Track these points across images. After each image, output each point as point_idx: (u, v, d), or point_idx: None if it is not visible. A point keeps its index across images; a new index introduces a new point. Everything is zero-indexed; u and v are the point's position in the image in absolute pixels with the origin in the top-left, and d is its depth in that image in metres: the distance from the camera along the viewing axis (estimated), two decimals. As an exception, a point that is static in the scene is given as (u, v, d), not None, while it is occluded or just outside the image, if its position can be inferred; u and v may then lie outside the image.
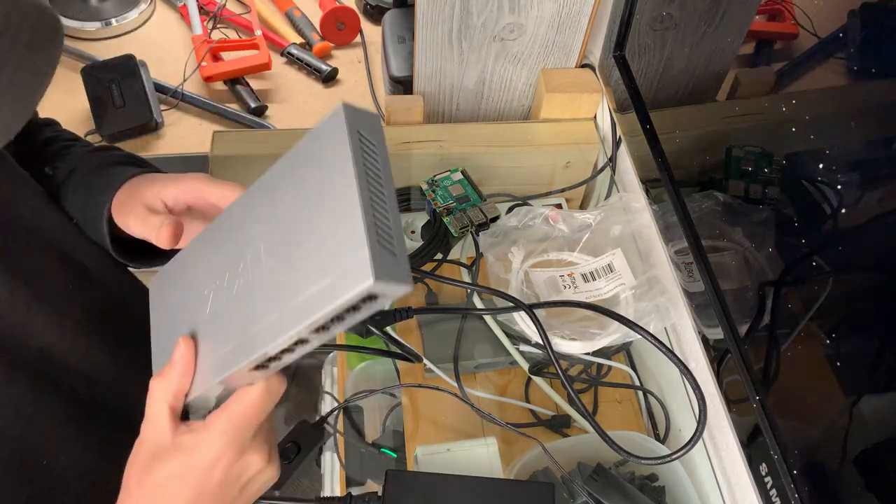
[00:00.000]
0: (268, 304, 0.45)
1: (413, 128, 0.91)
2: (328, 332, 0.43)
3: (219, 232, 0.52)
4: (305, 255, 0.43)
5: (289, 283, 0.44)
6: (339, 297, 0.40)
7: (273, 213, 0.47)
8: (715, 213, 0.64)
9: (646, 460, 0.61)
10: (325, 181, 0.43)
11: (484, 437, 0.65)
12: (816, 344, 0.52)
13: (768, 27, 0.58)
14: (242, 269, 0.48)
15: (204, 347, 0.50)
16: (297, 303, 0.43)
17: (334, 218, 0.41)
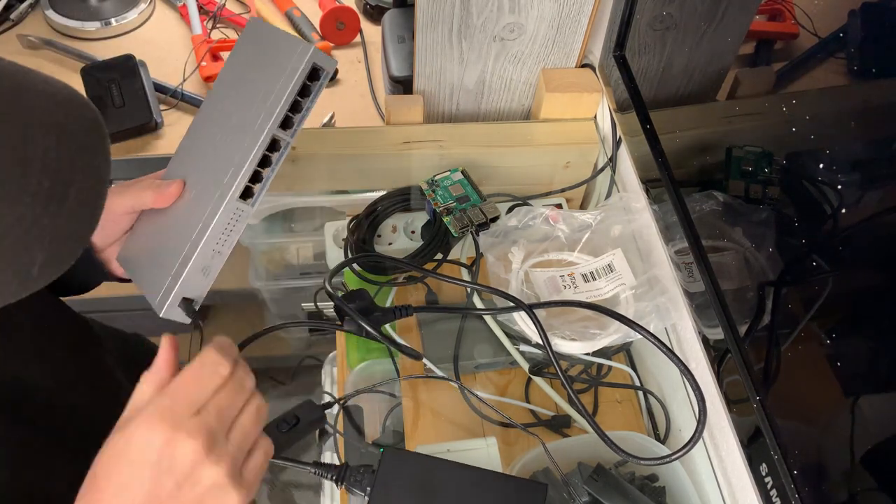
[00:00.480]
0: (238, 138, 0.57)
1: (413, 128, 0.91)
2: (293, 127, 0.59)
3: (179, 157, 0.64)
4: (257, 86, 0.58)
5: (253, 111, 0.57)
6: (290, 80, 0.57)
7: (225, 91, 0.62)
8: (715, 213, 0.64)
9: (645, 461, 0.61)
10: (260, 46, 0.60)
11: (484, 437, 0.65)
12: (816, 344, 0.52)
13: (768, 27, 0.58)
14: (209, 145, 0.60)
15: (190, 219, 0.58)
16: (259, 116, 0.57)
17: (274, 52, 0.58)
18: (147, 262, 0.61)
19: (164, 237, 0.60)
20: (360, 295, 0.67)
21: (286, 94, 0.57)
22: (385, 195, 0.88)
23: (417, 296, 0.83)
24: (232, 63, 0.64)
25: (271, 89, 0.57)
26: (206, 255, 0.58)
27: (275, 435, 0.57)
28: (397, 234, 0.88)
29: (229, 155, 0.58)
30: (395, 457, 0.58)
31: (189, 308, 0.59)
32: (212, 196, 0.58)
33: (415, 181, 0.88)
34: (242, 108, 0.59)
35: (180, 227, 0.60)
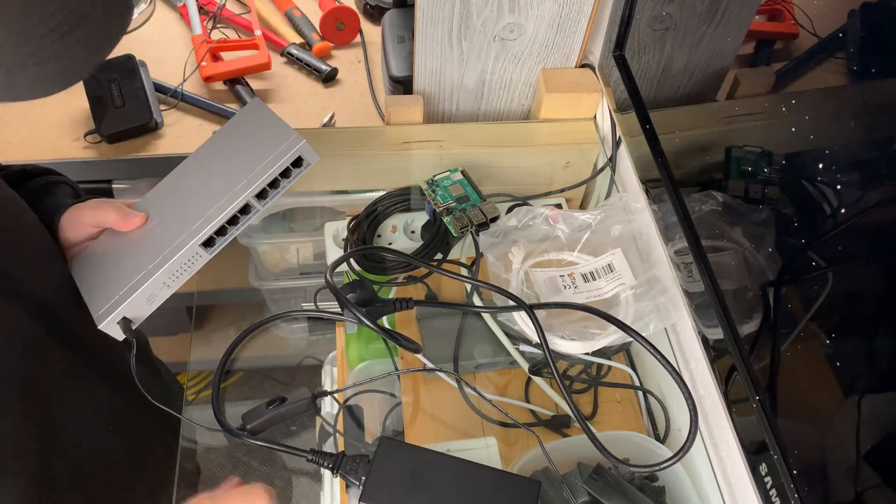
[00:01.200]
0: (217, 196, 0.68)
1: (413, 128, 0.91)
2: (266, 198, 0.69)
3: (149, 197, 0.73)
4: (248, 157, 0.69)
5: (234, 176, 0.68)
6: (276, 162, 0.67)
7: (213, 154, 0.73)
8: (715, 213, 0.64)
9: (637, 468, 0.61)
10: (254, 125, 0.72)
11: (484, 437, 0.65)
12: (816, 344, 0.52)
13: (768, 27, 0.58)
14: (186, 195, 0.70)
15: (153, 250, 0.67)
16: (244, 181, 0.68)
17: (268, 133, 0.70)
18: (97, 275, 0.69)
19: (120, 259, 0.69)
20: (361, 285, 0.68)
21: (269, 172, 0.68)
22: (385, 195, 0.89)
23: (417, 295, 0.83)
24: (228, 131, 0.75)
25: (258, 163, 0.68)
26: (156, 286, 0.66)
27: (260, 411, 0.63)
28: (397, 234, 0.88)
29: (204, 207, 0.68)
30: (391, 447, 0.58)
31: (126, 326, 0.66)
32: (177, 236, 0.67)
33: (415, 181, 0.88)
34: (228, 170, 0.70)
35: (137, 254, 0.68)
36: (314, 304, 0.83)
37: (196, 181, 0.72)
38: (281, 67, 1.17)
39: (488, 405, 0.77)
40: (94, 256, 0.71)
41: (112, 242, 0.71)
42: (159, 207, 0.71)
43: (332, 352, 0.88)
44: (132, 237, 0.70)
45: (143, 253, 0.68)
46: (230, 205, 0.67)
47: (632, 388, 0.80)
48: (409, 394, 0.77)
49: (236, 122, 0.75)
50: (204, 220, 0.67)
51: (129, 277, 0.66)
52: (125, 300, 0.65)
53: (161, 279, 0.66)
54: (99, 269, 0.69)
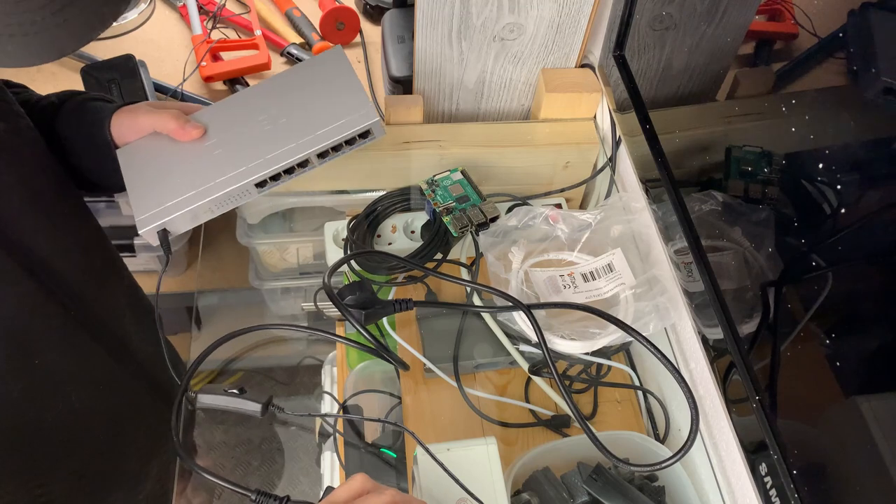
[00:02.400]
0: (282, 139, 0.69)
1: (413, 128, 0.91)
2: (326, 158, 0.70)
3: (214, 112, 0.73)
4: (321, 112, 0.70)
5: (304, 127, 0.69)
6: (348, 129, 0.69)
7: (286, 93, 0.72)
8: (714, 212, 0.64)
9: (637, 468, 0.61)
10: (331, 77, 0.73)
11: (484, 437, 0.65)
12: (816, 344, 0.52)
13: (768, 27, 0.58)
14: (252, 126, 0.70)
15: (207, 171, 0.68)
16: (310, 136, 0.69)
17: (344, 94, 0.71)
18: (145, 178, 0.69)
19: (171, 167, 0.70)
20: (360, 286, 0.68)
21: (338, 137, 0.69)
22: (385, 195, 0.89)
23: (417, 296, 0.83)
24: (304, 72, 0.74)
25: (328, 124, 0.69)
26: (202, 208, 0.68)
27: (217, 389, 0.66)
28: (397, 234, 0.88)
29: (265, 148, 0.69)
30: None
31: (164, 237, 0.68)
32: (234, 167, 0.68)
33: (415, 181, 0.88)
34: (297, 118, 0.71)
35: (191, 170, 0.69)
36: (314, 305, 0.83)
37: (262, 115, 0.71)
38: (281, 67, 1.17)
39: (488, 405, 0.77)
40: (145, 154, 0.70)
41: (166, 147, 0.71)
42: (220, 127, 0.71)
43: (332, 352, 0.88)
44: (187, 148, 0.70)
45: (197, 171, 0.69)
46: (292, 156, 0.68)
47: (632, 388, 0.80)
48: (408, 394, 0.77)
49: (315, 67, 0.74)
50: (263, 161, 0.68)
51: (179, 191, 0.68)
52: (170, 214, 0.67)
53: (209, 204, 0.68)
54: (148, 169, 0.69)
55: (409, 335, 0.79)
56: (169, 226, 0.68)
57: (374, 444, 0.76)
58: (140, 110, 0.71)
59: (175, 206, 0.67)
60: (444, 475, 0.60)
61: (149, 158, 0.70)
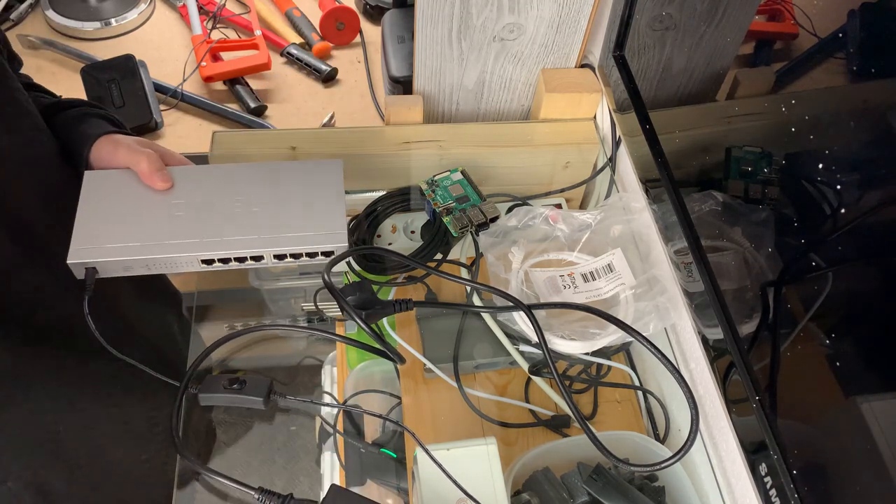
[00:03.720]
0: (246, 227, 0.68)
1: (413, 128, 0.91)
2: (281, 261, 0.69)
3: (194, 175, 0.72)
4: (296, 217, 0.69)
5: (273, 224, 0.69)
6: (315, 243, 0.68)
7: (270, 184, 0.72)
8: (714, 213, 0.64)
9: (637, 468, 0.61)
10: (320, 187, 0.72)
11: (484, 437, 0.65)
12: (816, 344, 0.52)
13: (768, 27, 0.58)
14: (224, 203, 0.70)
15: (160, 227, 0.67)
16: (275, 235, 0.68)
17: (325, 208, 0.70)
18: (99, 209, 0.68)
19: (129, 213, 0.68)
20: (360, 286, 0.68)
21: (301, 247, 0.68)
22: (385, 195, 0.89)
23: (417, 296, 0.83)
24: (296, 172, 0.73)
25: (297, 231, 0.69)
26: (140, 262, 0.66)
27: (217, 387, 0.65)
28: (397, 234, 0.88)
29: (227, 229, 0.68)
30: (339, 496, 0.57)
31: (90, 275, 0.66)
32: (188, 237, 0.67)
33: (414, 181, 0.88)
34: (267, 213, 0.69)
35: (146, 222, 0.68)
36: (314, 304, 0.83)
37: (238, 196, 0.70)
38: (281, 67, 1.17)
39: (488, 405, 0.77)
40: (110, 186, 0.69)
41: (132, 188, 0.70)
42: (191, 191, 0.70)
43: (332, 352, 0.88)
44: (151, 198, 0.69)
45: (152, 224, 0.67)
46: (249, 247, 0.67)
47: (632, 388, 0.80)
48: (409, 394, 0.77)
49: (309, 170, 0.74)
50: (220, 241, 0.67)
51: (124, 237, 0.66)
52: (105, 256, 0.65)
53: (148, 262, 0.66)
54: (105, 202, 0.68)
55: (409, 335, 0.79)
56: (100, 266, 0.66)
57: (374, 443, 0.76)
58: (123, 143, 0.71)
59: (114, 250, 0.65)
60: (444, 475, 0.60)
61: (111, 192, 0.69)
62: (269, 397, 0.67)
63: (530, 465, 0.69)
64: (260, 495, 0.56)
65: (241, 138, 0.90)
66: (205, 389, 0.66)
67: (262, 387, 0.66)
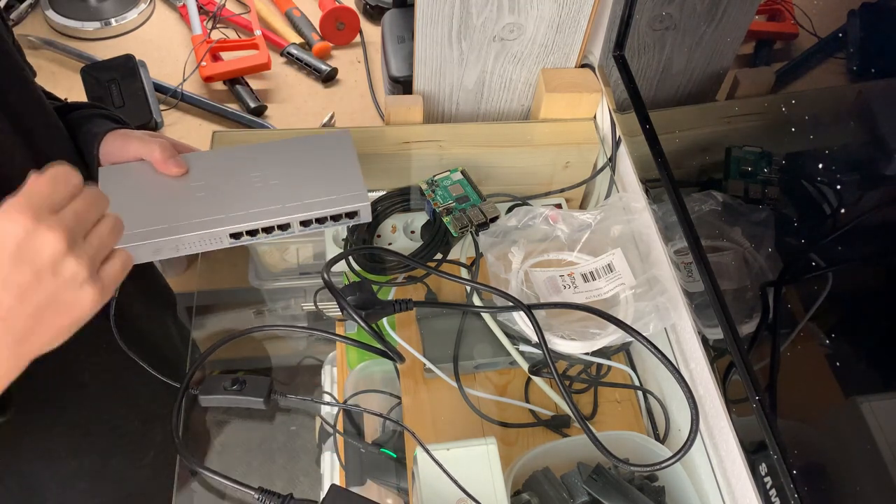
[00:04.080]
0: (269, 199, 0.69)
1: (413, 128, 0.91)
2: (307, 227, 0.70)
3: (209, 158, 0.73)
4: (315, 184, 0.71)
5: (294, 193, 0.69)
6: (338, 205, 0.69)
7: (284, 158, 0.73)
8: (714, 213, 0.64)
9: (637, 468, 0.61)
10: (333, 155, 0.74)
11: (484, 437, 0.65)
12: (816, 344, 0.52)
13: (768, 27, 0.58)
14: (242, 180, 0.70)
15: (184, 209, 0.67)
16: (299, 202, 0.69)
17: (342, 174, 0.72)
18: (119, 200, 0.66)
19: (150, 200, 0.68)
20: (360, 286, 0.68)
21: (326, 210, 0.69)
22: (385, 195, 0.89)
23: (417, 296, 0.83)
24: (307, 144, 0.75)
25: (319, 195, 0.70)
26: (169, 245, 0.66)
27: (217, 389, 0.65)
28: (397, 234, 0.88)
29: (250, 201, 0.69)
30: (339, 496, 0.57)
31: None
32: (212, 213, 0.68)
33: (415, 181, 0.88)
34: (289, 182, 0.71)
35: (169, 206, 0.68)
36: (314, 304, 0.83)
37: (256, 172, 0.71)
38: (281, 67, 1.17)
39: (488, 405, 0.77)
40: (126, 178, 0.70)
41: (149, 177, 0.70)
42: (210, 172, 0.71)
43: (332, 352, 0.88)
44: (170, 184, 0.70)
45: (175, 207, 0.68)
46: (275, 217, 0.68)
47: (632, 388, 0.80)
48: (408, 394, 0.77)
49: (321, 141, 0.75)
50: (244, 214, 0.68)
51: (149, 221, 0.66)
52: (132, 241, 0.65)
53: (176, 242, 0.67)
54: (124, 193, 0.68)
55: (409, 335, 0.79)
56: (132, 251, 0.65)
57: (374, 444, 0.76)
58: (132, 135, 0.71)
59: (140, 234, 0.66)
60: (444, 475, 0.60)
61: (129, 183, 0.70)
62: (270, 397, 0.67)
63: (530, 465, 0.69)
64: (260, 495, 0.56)
65: (241, 138, 0.90)
66: (205, 391, 0.66)
67: (262, 387, 0.66)
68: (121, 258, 0.51)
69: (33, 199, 0.45)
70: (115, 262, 0.50)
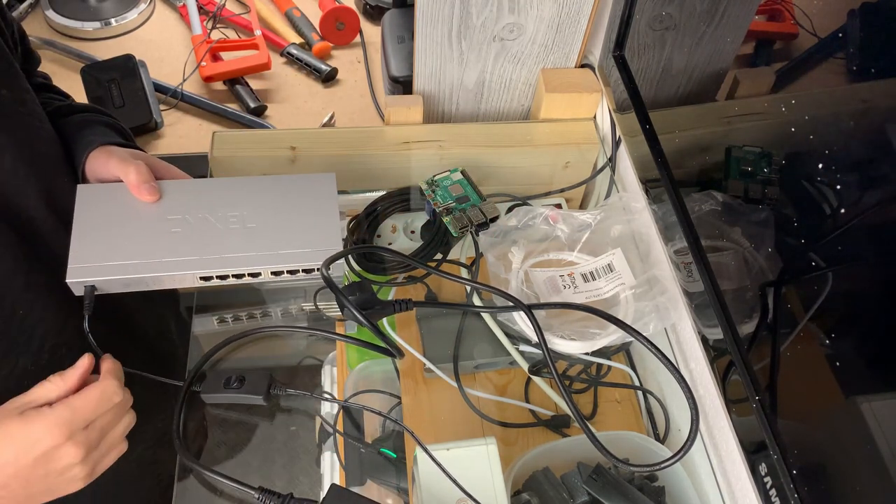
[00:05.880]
0: (243, 243, 0.68)
1: (413, 128, 0.91)
2: (278, 277, 0.69)
3: (189, 189, 0.72)
4: (291, 232, 0.70)
5: (269, 240, 0.69)
6: (312, 260, 0.68)
7: (264, 199, 0.72)
8: (714, 213, 0.64)
9: (637, 468, 0.61)
10: (314, 200, 0.72)
11: (484, 437, 0.65)
12: (816, 344, 0.52)
13: (768, 27, 0.58)
14: (220, 219, 0.70)
15: (157, 244, 0.67)
16: (273, 252, 0.68)
17: (320, 222, 0.71)
18: (95, 225, 0.68)
19: (126, 229, 0.68)
20: (360, 286, 0.68)
21: (299, 264, 0.69)
22: (385, 195, 0.89)
23: (417, 296, 0.83)
24: (289, 185, 0.73)
25: (294, 247, 0.69)
26: (139, 280, 0.66)
27: (217, 387, 0.68)
28: (397, 234, 0.88)
29: (225, 245, 0.68)
30: (339, 496, 0.57)
31: (89, 293, 0.66)
32: (186, 254, 0.67)
33: (414, 181, 0.88)
34: (264, 229, 0.70)
35: (144, 239, 0.68)
36: (314, 304, 0.83)
37: (234, 212, 0.70)
38: (281, 67, 1.17)
39: (488, 405, 0.77)
40: (104, 201, 0.69)
41: (128, 203, 0.69)
42: (188, 206, 0.70)
43: (332, 352, 0.88)
44: (148, 213, 0.69)
45: (150, 242, 0.67)
46: (248, 264, 0.67)
47: (632, 388, 0.80)
48: (408, 394, 0.77)
49: (303, 184, 0.74)
50: (219, 258, 0.67)
51: (122, 254, 0.66)
52: (105, 275, 0.65)
53: (148, 279, 0.66)
54: (101, 218, 0.68)
55: (409, 335, 0.79)
56: (99, 284, 0.66)
57: (374, 444, 0.76)
58: (115, 154, 0.70)
59: (113, 268, 0.65)
60: (444, 475, 0.60)
61: (105, 206, 0.69)
62: (270, 392, 0.67)
63: (530, 465, 0.69)
64: (260, 495, 0.56)
65: (241, 138, 0.90)
66: (207, 389, 0.66)
67: (261, 383, 0.66)
68: (118, 451, 0.58)
69: (76, 421, 0.54)
70: (112, 456, 0.58)
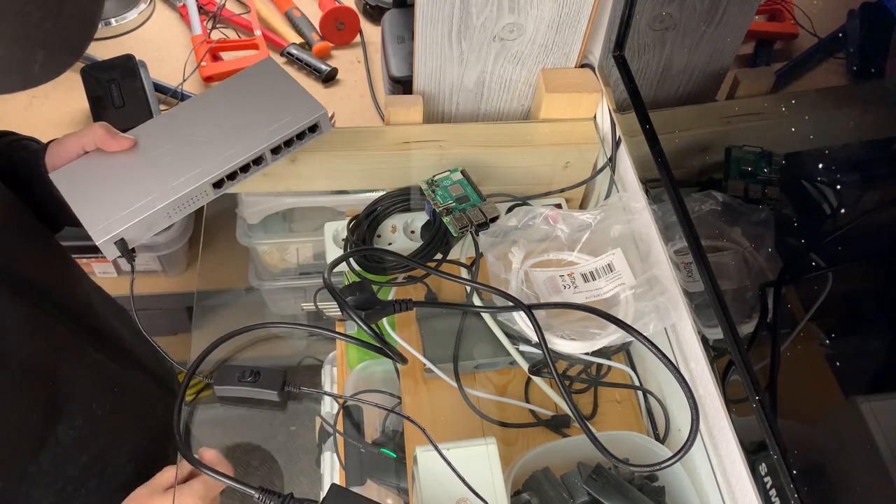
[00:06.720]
0: (231, 140, 0.71)
1: (413, 128, 0.91)
2: (278, 154, 0.73)
3: (155, 127, 0.74)
4: (267, 113, 0.73)
5: (251, 126, 0.72)
6: (297, 123, 0.72)
7: (228, 101, 0.75)
8: (714, 213, 0.64)
9: (637, 468, 0.61)
10: (270, 83, 0.76)
11: (484, 437, 0.65)
12: (816, 344, 0.52)
13: (768, 27, 0.58)
14: (200, 133, 0.72)
15: (156, 179, 0.69)
16: (261, 133, 0.72)
17: (286, 95, 0.75)
18: (89, 195, 0.69)
19: (118, 182, 0.69)
20: (360, 286, 0.68)
21: (289, 131, 0.72)
22: (385, 195, 0.89)
23: (417, 296, 0.83)
24: (238, 83, 0.77)
25: (276, 121, 0.73)
26: (159, 214, 0.67)
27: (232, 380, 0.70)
28: (397, 234, 0.88)
29: (217, 149, 0.71)
30: (339, 495, 0.57)
31: (123, 247, 0.67)
32: (188, 171, 0.69)
33: (414, 181, 0.88)
34: (242, 122, 0.73)
35: (140, 181, 0.69)
36: (314, 304, 0.83)
37: (208, 122, 0.73)
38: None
39: (488, 405, 0.77)
40: (82, 173, 0.70)
41: (103, 163, 0.70)
42: (165, 138, 0.72)
43: (332, 352, 0.88)
44: (130, 161, 0.70)
45: (148, 180, 0.69)
46: (246, 153, 0.70)
47: (632, 388, 0.80)
48: (408, 394, 0.77)
49: (247, 77, 0.77)
50: (218, 161, 0.70)
51: (131, 200, 0.67)
52: (126, 223, 0.66)
53: (166, 209, 0.67)
54: (90, 187, 0.69)
55: (409, 335, 0.79)
56: (126, 234, 0.66)
57: (374, 443, 0.76)
58: (66, 136, 0.72)
59: (129, 215, 0.66)
60: (444, 475, 0.60)
61: (88, 176, 0.70)
62: (284, 389, 0.68)
63: (530, 465, 0.69)
64: (260, 495, 0.56)
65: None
66: (219, 381, 0.67)
67: (276, 379, 0.67)
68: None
69: (209, 495, 0.63)
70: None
